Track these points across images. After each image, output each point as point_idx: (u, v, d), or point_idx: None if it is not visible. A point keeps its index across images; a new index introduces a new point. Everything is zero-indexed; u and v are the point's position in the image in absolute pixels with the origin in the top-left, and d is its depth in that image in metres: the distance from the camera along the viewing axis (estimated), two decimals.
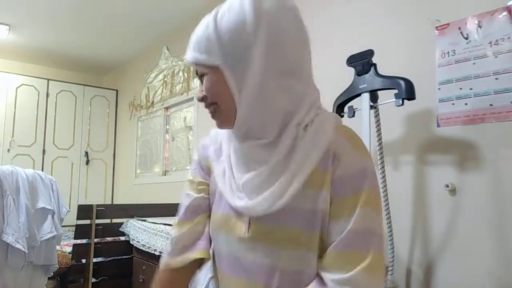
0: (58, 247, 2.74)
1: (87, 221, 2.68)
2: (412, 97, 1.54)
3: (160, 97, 4.18)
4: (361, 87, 1.67)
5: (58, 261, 2.58)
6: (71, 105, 4.83)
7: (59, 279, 3.09)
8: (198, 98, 0.73)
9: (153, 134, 4.34)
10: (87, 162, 4.82)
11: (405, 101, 1.54)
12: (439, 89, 1.54)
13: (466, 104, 1.45)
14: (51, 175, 2.86)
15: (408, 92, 1.53)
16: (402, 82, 1.54)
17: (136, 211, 3.01)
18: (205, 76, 0.71)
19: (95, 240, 2.68)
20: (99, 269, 2.78)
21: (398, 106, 1.55)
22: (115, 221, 3.15)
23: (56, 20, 3.86)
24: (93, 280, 2.71)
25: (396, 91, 1.56)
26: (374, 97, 1.68)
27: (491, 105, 1.39)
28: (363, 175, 0.66)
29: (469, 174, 1.62)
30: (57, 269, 2.56)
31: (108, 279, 2.83)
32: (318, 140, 0.67)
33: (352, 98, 1.74)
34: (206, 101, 0.72)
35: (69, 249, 2.99)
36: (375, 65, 1.65)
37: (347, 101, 1.76)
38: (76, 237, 2.71)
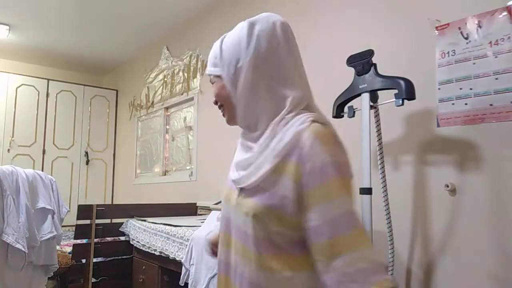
0: (58, 247, 2.73)
1: (87, 221, 2.68)
2: (412, 97, 1.54)
3: (160, 97, 4.18)
4: (361, 87, 1.66)
5: (58, 261, 2.57)
6: (71, 105, 4.84)
7: (59, 279, 3.09)
8: (213, 102, 0.95)
9: (153, 134, 4.34)
10: (87, 162, 4.82)
11: (405, 101, 1.54)
12: (439, 89, 1.54)
13: (466, 104, 1.46)
14: (51, 175, 2.85)
15: (408, 92, 1.53)
16: (402, 82, 1.54)
17: (136, 211, 3.01)
18: (214, 84, 0.92)
19: (95, 240, 2.68)
20: (99, 269, 2.78)
21: (398, 106, 1.55)
22: (115, 221, 3.15)
23: (56, 20, 3.86)
24: (93, 280, 2.71)
25: (396, 91, 1.55)
26: (374, 97, 1.68)
27: (491, 105, 1.39)
28: (327, 167, 0.76)
29: (469, 174, 1.62)
30: (57, 269, 2.56)
31: (108, 279, 2.83)
32: (286, 136, 0.81)
33: (352, 98, 1.73)
34: (216, 104, 0.94)
35: (69, 249, 2.99)
36: (375, 65, 1.65)
37: (347, 101, 1.76)
38: (76, 237, 2.72)
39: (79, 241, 2.75)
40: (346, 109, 1.79)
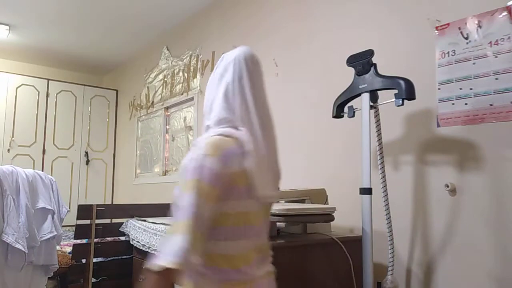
0: (58, 247, 2.73)
1: (87, 221, 2.67)
2: (412, 97, 1.54)
3: (160, 97, 4.18)
4: (361, 87, 1.66)
5: (58, 261, 2.57)
6: (71, 105, 4.84)
7: (59, 279, 3.09)
8: None
9: (153, 134, 4.34)
10: (87, 162, 4.82)
11: (405, 101, 1.54)
12: (439, 89, 1.54)
13: (466, 104, 1.46)
14: (51, 175, 2.85)
15: (408, 92, 1.53)
16: (402, 82, 1.54)
17: (136, 211, 3.00)
18: None
19: (95, 240, 2.68)
20: (99, 269, 2.77)
21: (398, 106, 1.55)
22: (115, 221, 3.14)
23: (56, 20, 3.86)
24: (93, 280, 2.71)
25: (396, 91, 1.55)
26: (374, 97, 1.68)
27: (491, 105, 1.39)
28: (186, 169, 1.00)
29: (469, 174, 1.62)
30: (57, 269, 2.56)
31: (108, 279, 2.83)
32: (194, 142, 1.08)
33: (352, 98, 1.73)
34: None
35: (69, 249, 2.99)
36: (375, 65, 1.65)
37: (347, 101, 1.76)
38: (76, 237, 2.71)
39: (79, 241, 2.74)
40: (346, 109, 1.79)
